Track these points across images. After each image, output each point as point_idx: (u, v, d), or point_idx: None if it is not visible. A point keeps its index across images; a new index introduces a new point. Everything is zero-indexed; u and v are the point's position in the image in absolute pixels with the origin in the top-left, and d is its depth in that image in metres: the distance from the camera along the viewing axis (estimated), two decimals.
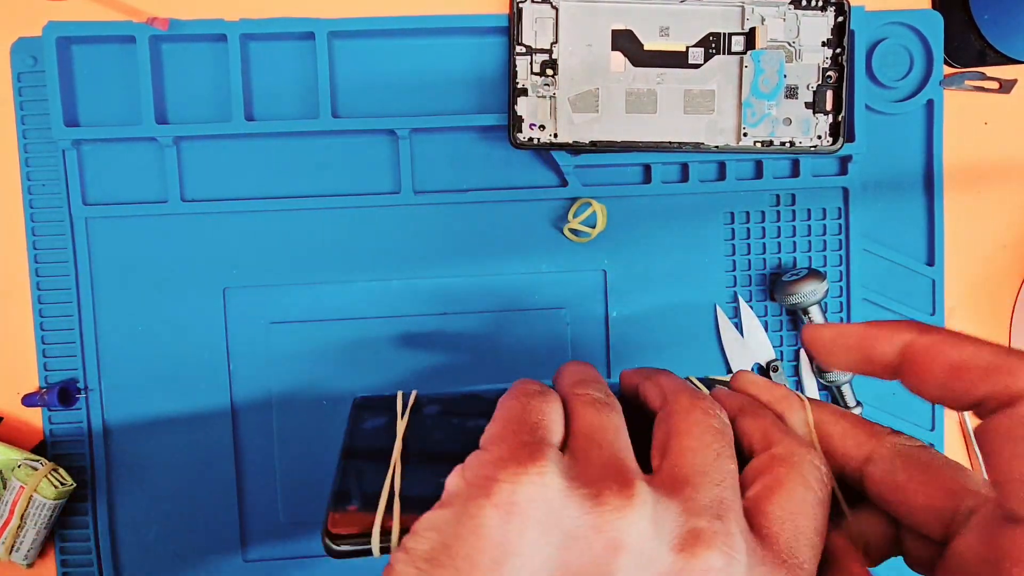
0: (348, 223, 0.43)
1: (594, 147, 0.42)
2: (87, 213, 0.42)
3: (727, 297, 0.45)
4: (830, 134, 0.42)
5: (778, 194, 0.45)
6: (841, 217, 0.45)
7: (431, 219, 0.43)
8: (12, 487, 0.40)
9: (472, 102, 0.43)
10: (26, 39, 0.41)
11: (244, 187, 0.43)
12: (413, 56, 0.43)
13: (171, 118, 0.42)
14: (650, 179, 0.44)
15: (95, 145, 0.42)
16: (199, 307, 0.43)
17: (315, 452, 0.43)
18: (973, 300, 0.47)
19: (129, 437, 0.43)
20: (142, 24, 0.40)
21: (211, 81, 0.42)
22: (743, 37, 0.42)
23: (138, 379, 0.43)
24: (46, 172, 0.42)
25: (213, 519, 0.43)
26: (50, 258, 0.42)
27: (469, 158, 0.43)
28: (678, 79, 0.42)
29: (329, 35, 0.41)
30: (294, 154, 0.43)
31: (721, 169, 0.44)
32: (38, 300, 0.42)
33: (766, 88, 0.42)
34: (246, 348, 0.43)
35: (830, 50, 0.42)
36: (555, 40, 0.41)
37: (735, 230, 0.45)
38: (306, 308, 0.43)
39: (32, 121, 0.42)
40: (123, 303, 0.42)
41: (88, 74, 0.42)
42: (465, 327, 0.44)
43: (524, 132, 0.42)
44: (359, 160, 0.43)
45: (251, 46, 0.42)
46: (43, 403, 0.42)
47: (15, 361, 0.43)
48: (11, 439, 0.43)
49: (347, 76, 0.43)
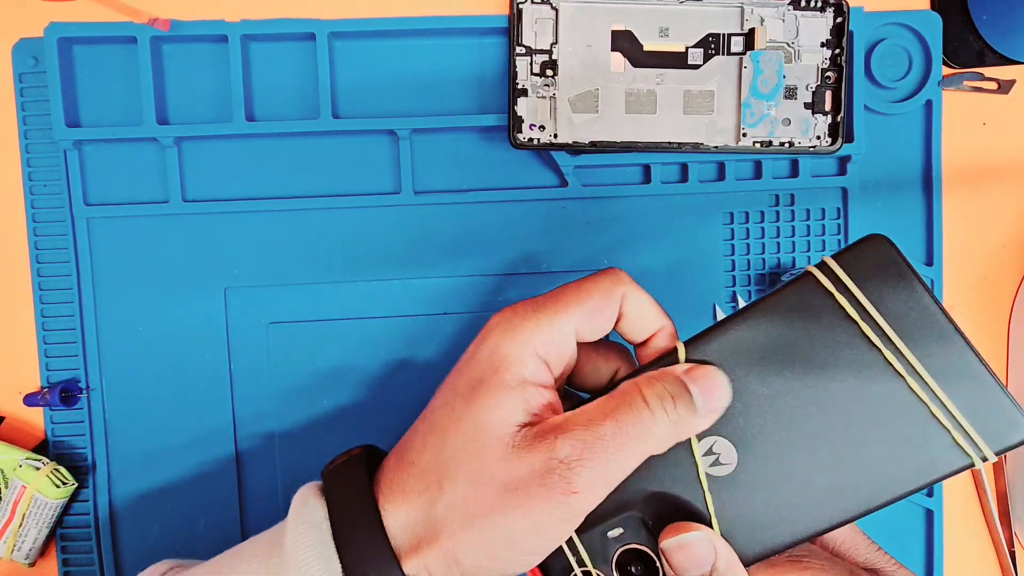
0: (348, 223, 0.43)
1: (594, 147, 0.42)
2: (88, 213, 0.42)
3: (726, 297, 0.45)
4: (829, 134, 0.42)
5: (777, 194, 0.45)
6: (840, 217, 0.45)
7: (431, 219, 0.43)
8: (14, 487, 0.40)
9: (472, 102, 0.43)
10: (27, 40, 0.41)
11: (245, 187, 0.43)
12: (413, 57, 0.43)
13: (172, 119, 0.42)
14: (650, 179, 0.44)
15: (96, 145, 0.42)
16: (200, 307, 0.43)
17: (316, 452, 0.44)
18: (972, 299, 0.47)
19: (130, 436, 0.43)
20: (143, 25, 0.40)
21: (212, 82, 0.42)
22: (742, 38, 0.42)
23: (139, 378, 0.43)
24: (47, 172, 0.42)
25: (214, 517, 0.43)
26: (51, 258, 0.42)
27: (469, 158, 0.44)
28: (678, 79, 0.42)
29: (330, 36, 0.42)
30: (295, 154, 0.43)
31: (720, 169, 0.44)
32: (39, 300, 0.42)
33: (765, 89, 0.42)
34: (246, 348, 0.43)
35: (829, 51, 0.42)
36: (555, 41, 0.41)
37: (734, 230, 0.45)
38: (306, 308, 0.43)
39: (33, 121, 0.42)
40: (124, 303, 0.43)
41: (89, 75, 0.42)
42: (465, 327, 0.44)
43: (524, 132, 0.42)
44: (359, 160, 0.43)
45: (252, 47, 0.42)
46: (44, 403, 0.42)
47: (16, 361, 0.43)
48: (12, 439, 0.43)
49: (348, 77, 0.43)
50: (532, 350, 0.27)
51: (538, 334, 0.27)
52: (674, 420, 0.25)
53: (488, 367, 0.28)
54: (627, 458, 0.25)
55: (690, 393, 0.26)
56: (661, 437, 0.26)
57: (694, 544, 0.26)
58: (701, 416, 0.26)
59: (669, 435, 0.26)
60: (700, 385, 0.26)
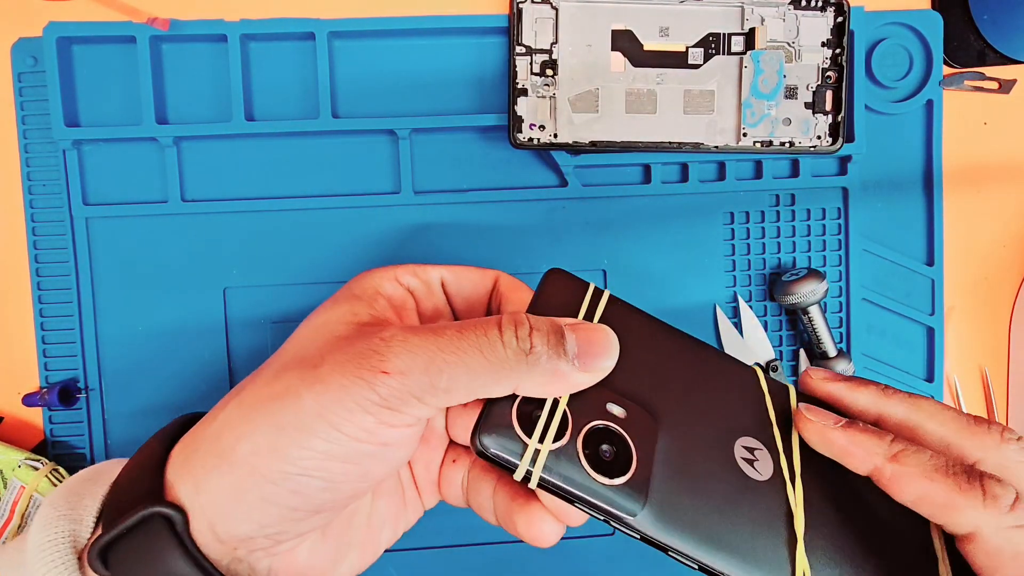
0: (348, 223, 0.43)
1: (594, 147, 0.42)
2: (87, 213, 0.42)
3: (727, 297, 0.45)
4: (830, 134, 0.42)
5: (778, 194, 0.45)
6: (841, 217, 0.45)
7: (431, 219, 0.43)
8: (13, 487, 0.40)
9: (472, 102, 0.43)
10: (27, 39, 0.41)
11: (244, 187, 0.43)
12: (413, 56, 0.43)
13: (171, 118, 0.42)
14: (650, 179, 0.44)
15: (95, 145, 0.42)
16: (199, 307, 0.43)
17: None
18: (972, 300, 0.47)
19: (130, 437, 0.43)
20: (143, 24, 0.40)
21: (211, 81, 0.42)
22: (743, 37, 0.42)
23: (139, 379, 0.43)
24: (46, 172, 0.42)
25: None
26: (50, 258, 0.42)
27: (469, 158, 0.44)
28: (678, 79, 0.42)
29: (329, 35, 0.42)
30: (294, 154, 0.43)
31: (721, 169, 0.44)
32: (38, 300, 0.42)
33: (766, 88, 0.42)
34: (246, 348, 0.43)
35: (830, 50, 0.42)
36: (555, 40, 0.41)
37: (735, 230, 0.45)
38: (306, 308, 0.43)
39: (32, 121, 0.42)
40: (124, 303, 0.42)
41: (88, 74, 0.42)
42: None
43: (524, 132, 0.42)
44: (359, 160, 0.43)
45: (251, 46, 0.42)
46: (43, 403, 0.42)
47: (15, 361, 0.43)
48: (11, 439, 0.43)
49: (347, 76, 0.43)
50: (391, 275, 0.27)
51: (400, 267, 0.28)
52: (523, 349, 0.22)
53: (342, 290, 0.27)
54: (457, 363, 0.22)
55: (562, 336, 0.23)
56: (508, 361, 0.22)
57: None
58: (573, 367, 0.23)
59: (520, 367, 0.22)
60: (580, 334, 0.24)
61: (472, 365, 0.22)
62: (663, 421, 0.25)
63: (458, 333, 0.22)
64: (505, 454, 0.22)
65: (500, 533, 0.44)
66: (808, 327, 0.44)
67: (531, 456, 0.22)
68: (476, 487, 0.27)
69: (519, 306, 0.27)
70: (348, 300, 0.26)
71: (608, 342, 0.24)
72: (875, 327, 0.46)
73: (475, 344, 0.22)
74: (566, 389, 0.23)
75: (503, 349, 0.22)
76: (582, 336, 0.24)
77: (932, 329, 0.46)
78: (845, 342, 0.45)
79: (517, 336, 0.23)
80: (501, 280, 0.29)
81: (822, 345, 0.44)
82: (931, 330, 0.46)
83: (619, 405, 0.24)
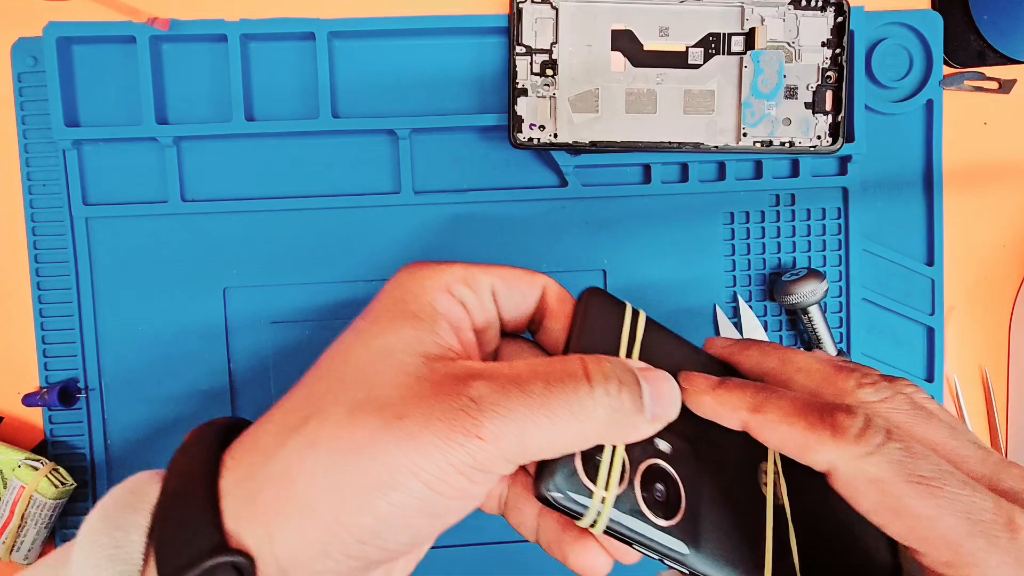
0: (348, 223, 0.43)
1: (594, 147, 0.42)
2: (87, 213, 0.42)
3: (727, 297, 0.45)
4: (830, 134, 0.42)
5: (778, 194, 0.45)
6: (841, 217, 0.45)
7: (431, 219, 0.43)
8: (12, 487, 0.40)
9: (472, 102, 0.43)
10: (26, 39, 0.41)
11: (244, 187, 0.43)
12: (413, 56, 0.43)
13: (171, 118, 0.42)
14: (650, 179, 0.44)
15: (95, 145, 0.42)
16: (199, 307, 0.43)
17: None
18: (972, 300, 0.47)
19: (129, 437, 0.43)
20: (143, 24, 0.40)
21: (211, 81, 0.42)
22: (743, 37, 0.42)
23: (138, 379, 0.43)
24: (46, 172, 0.42)
25: None
26: (50, 258, 0.42)
27: (469, 158, 0.44)
28: (678, 79, 0.42)
29: (329, 35, 0.42)
30: (294, 154, 0.43)
31: (721, 169, 0.44)
32: (38, 300, 0.42)
33: (766, 88, 0.42)
34: (246, 348, 0.43)
35: (830, 50, 0.42)
36: (555, 40, 0.41)
37: (735, 230, 0.45)
38: (306, 308, 0.43)
39: (32, 121, 0.42)
40: (123, 303, 0.42)
41: (88, 74, 0.42)
42: None
43: (524, 132, 0.42)
44: (359, 160, 0.43)
45: (251, 46, 0.42)
46: (43, 403, 0.42)
47: (15, 361, 0.43)
48: (11, 439, 0.43)
49: (347, 76, 0.43)
50: (443, 285, 0.24)
51: (450, 273, 0.24)
52: (615, 407, 0.22)
53: (392, 300, 0.24)
54: (550, 427, 0.21)
55: (640, 387, 0.23)
56: (597, 420, 0.22)
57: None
58: (646, 419, 0.23)
59: (606, 423, 0.22)
60: (652, 386, 0.23)
61: (563, 428, 0.21)
62: (700, 451, 0.25)
63: (546, 389, 0.21)
64: (572, 505, 0.22)
65: (500, 533, 0.44)
66: (808, 327, 0.44)
67: (598, 503, 0.22)
68: (517, 506, 0.26)
69: (566, 323, 0.26)
70: (407, 321, 0.23)
71: (675, 393, 0.24)
72: (875, 327, 0.46)
73: (565, 404, 0.21)
74: (635, 438, 0.23)
75: (594, 408, 0.22)
76: (654, 388, 0.23)
77: (932, 329, 0.46)
78: (845, 342, 0.45)
79: (608, 392, 0.22)
80: (548, 291, 0.27)
81: (822, 345, 0.44)
82: (931, 330, 0.46)
83: (665, 440, 0.24)
